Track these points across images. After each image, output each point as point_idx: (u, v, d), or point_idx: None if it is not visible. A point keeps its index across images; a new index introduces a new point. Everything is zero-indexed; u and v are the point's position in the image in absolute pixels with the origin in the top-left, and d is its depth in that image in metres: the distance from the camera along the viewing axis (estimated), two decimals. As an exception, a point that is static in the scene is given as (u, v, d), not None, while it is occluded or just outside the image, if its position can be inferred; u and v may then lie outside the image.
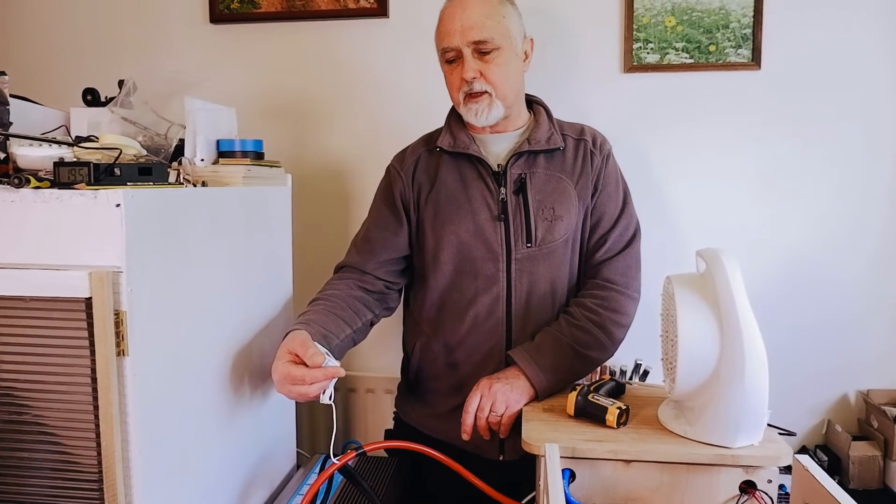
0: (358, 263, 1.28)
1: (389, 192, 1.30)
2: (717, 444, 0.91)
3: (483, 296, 1.21)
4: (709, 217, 1.61)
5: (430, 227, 1.24)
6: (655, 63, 1.57)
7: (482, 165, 1.22)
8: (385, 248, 1.28)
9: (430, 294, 1.26)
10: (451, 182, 1.24)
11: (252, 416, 1.17)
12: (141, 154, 1.00)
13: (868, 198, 1.56)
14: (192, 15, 1.74)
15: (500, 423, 1.10)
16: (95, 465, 0.80)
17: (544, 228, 1.20)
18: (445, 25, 1.18)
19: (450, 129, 1.27)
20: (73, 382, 0.80)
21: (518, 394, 1.10)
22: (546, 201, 1.20)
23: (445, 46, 1.18)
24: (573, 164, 1.24)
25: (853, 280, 1.59)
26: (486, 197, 1.21)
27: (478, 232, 1.20)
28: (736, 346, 0.87)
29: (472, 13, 1.15)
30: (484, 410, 1.10)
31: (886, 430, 1.49)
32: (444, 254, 1.22)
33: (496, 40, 1.16)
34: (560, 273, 1.22)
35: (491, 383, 1.12)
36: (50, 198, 0.81)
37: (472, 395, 1.12)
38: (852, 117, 1.54)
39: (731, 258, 0.91)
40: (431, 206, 1.24)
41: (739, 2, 1.52)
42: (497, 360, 1.21)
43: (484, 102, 1.18)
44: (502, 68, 1.17)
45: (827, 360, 1.61)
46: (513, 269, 1.20)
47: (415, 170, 1.28)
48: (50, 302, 0.79)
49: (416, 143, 1.33)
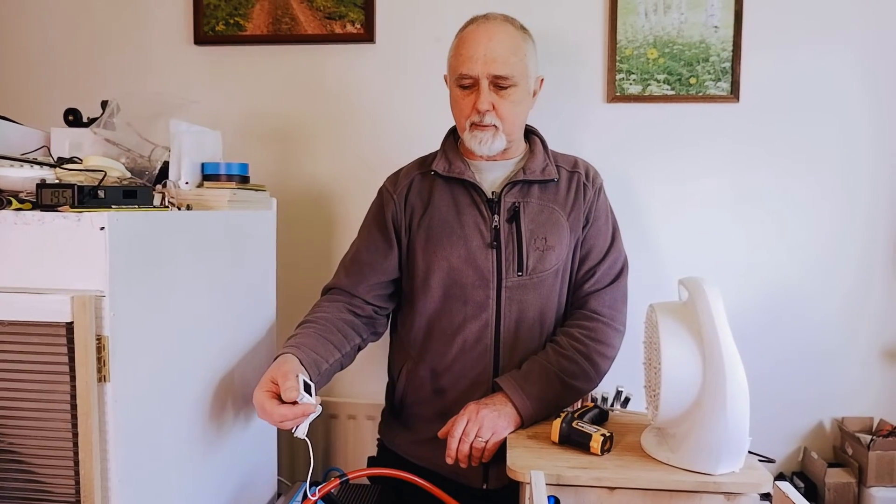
0: (347, 286, 1.27)
1: (381, 214, 1.29)
2: (699, 471, 0.92)
3: (472, 322, 1.21)
4: (689, 245, 1.64)
5: (422, 251, 1.24)
6: (638, 94, 1.60)
7: (476, 192, 1.23)
8: (374, 271, 1.27)
9: (419, 318, 1.25)
10: (444, 207, 1.24)
11: (233, 443, 1.15)
12: (125, 176, 0.99)
13: (845, 228, 1.61)
14: (176, 37, 1.74)
15: (485, 450, 1.10)
16: (73, 493, 0.78)
17: (535, 258, 1.20)
18: (468, 50, 1.16)
19: (445, 153, 1.27)
20: (52, 409, 0.79)
21: (505, 421, 1.10)
22: (538, 231, 1.21)
23: (465, 73, 1.16)
24: (566, 196, 1.25)
25: (829, 309, 1.62)
26: (478, 224, 1.21)
27: (469, 258, 1.20)
28: (718, 374, 0.88)
29: (497, 46, 1.15)
30: (469, 436, 1.09)
31: (861, 456, 1.52)
32: (434, 278, 1.22)
33: (515, 77, 1.16)
34: (549, 302, 1.22)
35: (478, 409, 1.11)
36: (32, 220, 0.80)
37: (458, 419, 1.11)
38: (830, 148, 1.59)
39: (712, 287, 0.93)
40: (423, 231, 1.24)
41: (719, 36, 1.57)
42: (484, 387, 1.20)
43: (489, 133, 1.18)
44: (515, 106, 1.18)
45: (803, 388, 1.63)
46: (503, 296, 1.20)
47: (408, 193, 1.28)
48: (30, 326, 0.78)
49: (411, 166, 1.33)
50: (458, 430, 1.10)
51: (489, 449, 1.09)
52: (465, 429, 1.10)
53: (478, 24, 1.19)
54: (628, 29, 1.59)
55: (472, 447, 1.09)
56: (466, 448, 1.09)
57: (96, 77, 1.77)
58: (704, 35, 1.57)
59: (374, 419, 1.69)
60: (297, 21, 1.69)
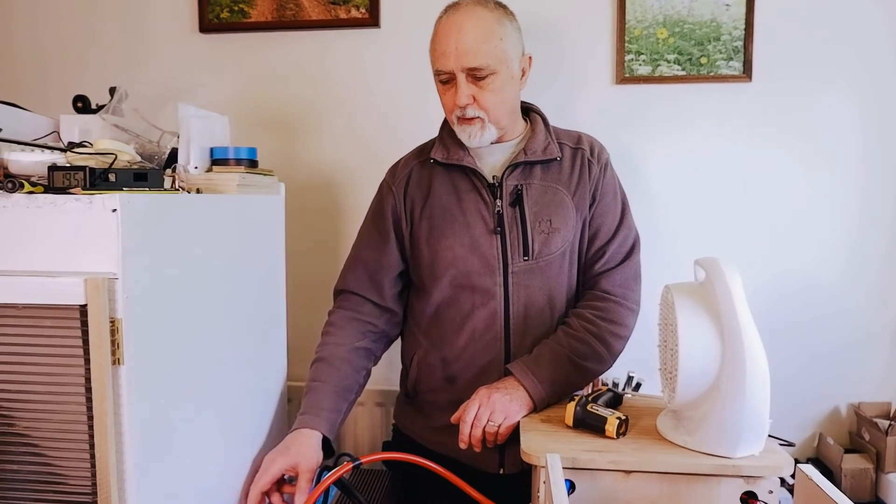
0: (357, 288, 1.27)
1: (381, 210, 1.28)
2: (717, 455, 0.91)
3: (480, 310, 1.20)
4: (700, 228, 1.62)
5: (426, 242, 1.22)
6: (647, 75, 1.58)
7: (476, 177, 1.21)
8: (379, 269, 1.27)
9: (428, 308, 1.25)
10: (445, 195, 1.22)
11: (247, 427, 1.15)
12: (135, 160, 0.98)
13: (865, 211, 1.58)
14: (181, 24, 1.73)
15: (497, 434, 1.09)
16: (89, 478, 0.78)
17: (541, 241, 1.18)
18: (440, 45, 1.14)
19: (442, 140, 1.25)
20: (67, 392, 0.78)
21: (517, 405, 1.09)
22: (543, 213, 1.19)
23: (439, 68, 1.15)
24: (570, 175, 1.23)
25: (846, 293, 1.60)
26: (480, 209, 1.20)
27: (473, 246, 1.19)
28: (737, 355, 0.87)
29: (467, 37, 1.11)
30: (481, 420, 1.09)
31: (878, 442, 1.50)
32: (440, 268, 1.21)
33: (491, 66, 1.12)
34: (558, 285, 1.21)
35: (490, 393, 1.11)
36: (44, 203, 0.79)
37: (470, 403, 1.11)
38: (846, 129, 1.57)
39: (730, 266, 0.91)
40: (426, 221, 1.23)
41: (731, 14, 1.55)
42: (496, 375, 1.20)
43: (477, 126, 1.16)
44: (496, 94, 1.15)
45: (818, 373, 1.61)
46: (510, 282, 1.19)
47: (407, 184, 1.26)
48: (43, 309, 0.77)
49: (409, 156, 1.32)
50: (469, 415, 1.09)
51: (502, 433, 1.09)
52: (476, 413, 1.09)
53: (448, 16, 1.15)
54: (637, 8, 1.57)
55: (484, 431, 1.09)
56: (479, 432, 1.09)
57: (103, 67, 1.77)
58: (716, 13, 1.55)
59: (384, 405, 1.69)
60: (301, 7, 1.68)
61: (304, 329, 1.63)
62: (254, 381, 1.17)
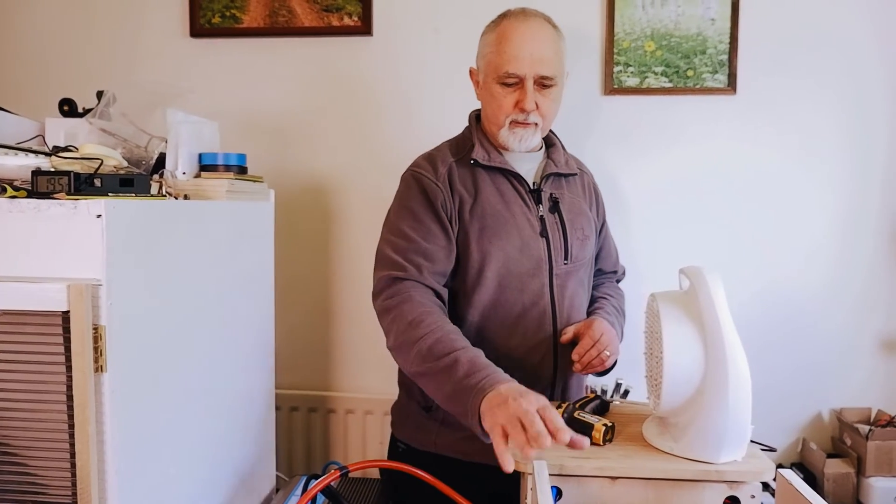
0: (419, 278, 1.14)
1: (430, 203, 1.19)
2: (701, 460, 0.91)
3: (531, 310, 1.20)
4: (686, 237, 1.64)
5: (476, 242, 1.19)
6: (635, 86, 1.60)
7: (520, 182, 1.23)
8: (440, 261, 1.17)
9: (472, 311, 1.20)
10: (492, 196, 1.21)
11: (232, 437, 1.14)
12: (122, 165, 0.98)
13: (845, 221, 1.61)
14: (172, 29, 1.73)
15: (602, 364, 1.15)
16: (69, 486, 0.77)
17: (578, 246, 1.24)
18: (513, 49, 1.16)
19: (481, 143, 1.24)
20: (48, 400, 0.77)
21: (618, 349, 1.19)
22: (576, 221, 1.25)
23: (512, 72, 1.16)
24: (583, 191, 1.32)
25: (827, 300, 1.62)
26: (526, 213, 1.21)
27: (524, 247, 1.20)
28: (720, 363, 0.88)
29: (542, 46, 1.17)
30: (603, 344, 1.13)
31: (859, 447, 1.52)
32: (490, 269, 1.18)
33: (557, 77, 1.18)
34: (585, 288, 1.28)
35: (611, 327, 1.17)
36: (27, 207, 0.79)
37: (595, 325, 1.16)
38: (828, 140, 1.59)
39: (714, 275, 0.92)
40: (477, 221, 1.19)
41: (716, 28, 1.57)
42: (546, 373, 1.21)
43: (530, 130, 1.20)
44: (554, 103, 1.22)
45: (801, 379, 1.63)
46: (554, 283, 1.22)
47: (450, 180, 1.22)
48: (25, 316, 0.77)
49: (442, 153, 1.26)
50: (597, 334, 1.14)
51: (607, 365, 1.16)
52: (601, 338, 1.14)
53: (519, 21, 1.19)
54: (626, 21, 1.59)
55: (593, 360, 1.14)
56: (595, 353, 1.13)
57: (92, 70, 1.76)
58: (701, 27, 1.57)
59: (373, 414, 1.68)
60: (294, 13, 1.68)
61: (292, 337, 1.63)
62: (241, 389, 1.16)
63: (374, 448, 1.68)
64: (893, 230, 1.60)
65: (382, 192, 1.34)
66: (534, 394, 0.91)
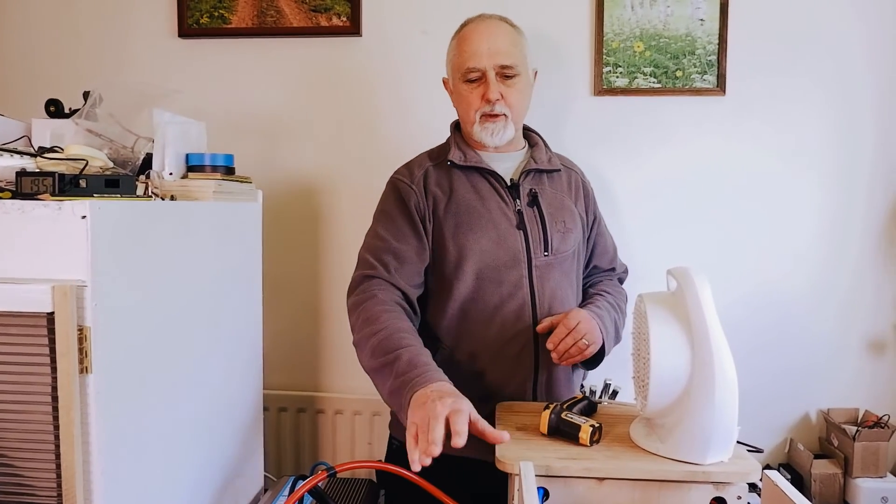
0: (388, 278, 1.20)
1: (404, 205, 1.25)
2: (688, 461, 0.92)
3: (509, 302, 1.22)
4: (674, 238, 1.64)
5: (451, 238, 1.23)
6: (624, 87, 1.61)
7: (496, 179, 1.26)
8: (411, 262, 1.22)
9: (451, 304, 1.24)
10: (467, 194, 1.25)
11: (219, 438, 1.14)
12: (107, 166, 0.97)
13: (834, 221, 1.62)
14: (160, 29, 1.72)
15: (581, 353, 1.14)
16: (54, 487, 0.77)
17: (558, 238, 1.25)
18: (471, 46, 1.22)
19: (458, 145, 1.29)
20: (33, 402, 0.77)
21: (600, 338, 1.16)
22: (557, 214, 1.27)
23: (472, 66, 1.22)
24: (568, 187, 1.33)
25: (815, 301, 1.63)
26: (502, 208, 1.24)
27: (500, 240, 1.22)
28: (706, 364, 0.88)
29: (499, 39, 1.22)
30: (580, 333, 1.13)
31: (846, 448, 1.53)
32: (468, 263, 1.22)
33: (518, 67, 1.22)
34: (570, 281, 1.29)
35: (589, 315, 1.16)
36: (11, 208, 0.78)
37: (571, 314, 1.15)
38: (817, 141, 1.60)
39: (701, 277, 0.93)
40: (451, 218, 1.24)
41: (705, 29, 1.58)
42: (527, 364, 1.22)
43: (500, 123, 1.23)
44: (521, 94, 1.25)
45: (789, 380, 1.64)
46: (534, 275, 1.23)
47: (425, 182, 1.27)
48: (9, 317, 0.76)
49: (420, 159, 1.32)
50: (572, 322, 1.13)
51: (585, 354, 1.15)
52: (577, 326, 1.13)
53: (476, 23, 1.25)
54: (615, 22, 1.59)
55: (569, 349, 1.13)
56: (570, 342, 1.13)
57: (78, 70, 1.75)
58: (690, 28, 1.58)
59: (361, 414, 1.68)
60: (282, 14, 1.68)
61: (281, 338, 1.63)
62: (228, 390, 1.16)
63: (363, 448, 1.68)
64: (880, 232, 1.61)
65: (371, 192, 1.34)
66: (454, 397, 0.93)
